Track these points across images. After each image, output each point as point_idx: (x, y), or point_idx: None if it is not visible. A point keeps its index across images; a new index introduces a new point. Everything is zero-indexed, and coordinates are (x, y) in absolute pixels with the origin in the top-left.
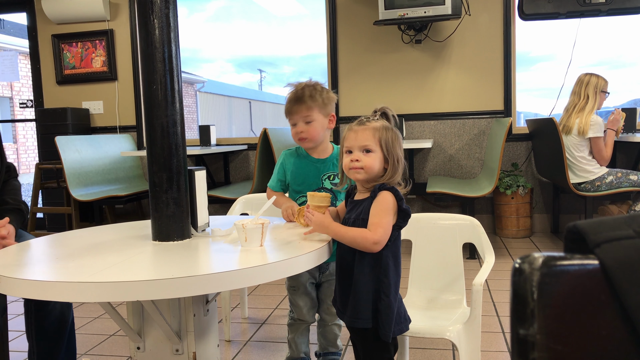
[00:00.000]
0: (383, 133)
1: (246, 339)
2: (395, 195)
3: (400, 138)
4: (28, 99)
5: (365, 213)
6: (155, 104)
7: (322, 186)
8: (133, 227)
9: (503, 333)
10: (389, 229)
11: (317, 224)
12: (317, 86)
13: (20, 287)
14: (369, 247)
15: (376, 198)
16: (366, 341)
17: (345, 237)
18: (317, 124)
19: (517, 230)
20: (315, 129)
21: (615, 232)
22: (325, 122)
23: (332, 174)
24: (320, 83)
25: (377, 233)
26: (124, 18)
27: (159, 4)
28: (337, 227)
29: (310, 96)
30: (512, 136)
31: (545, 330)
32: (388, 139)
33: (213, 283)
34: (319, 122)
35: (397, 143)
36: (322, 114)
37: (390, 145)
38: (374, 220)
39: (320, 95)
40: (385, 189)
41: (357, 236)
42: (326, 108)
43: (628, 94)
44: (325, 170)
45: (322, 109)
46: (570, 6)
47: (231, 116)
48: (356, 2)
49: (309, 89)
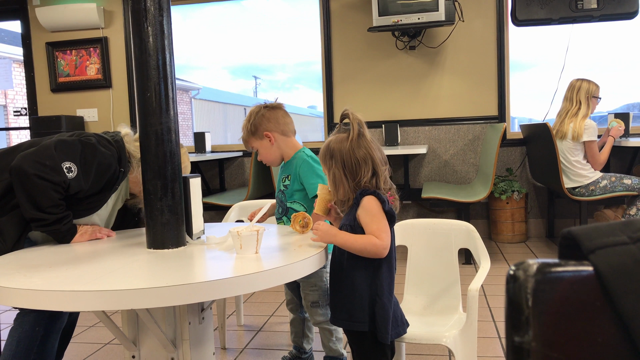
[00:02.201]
0: (322, 156)
1: (242, 347)
2: (377, 198)
3: (345, 143)
4: (22, 107)
5: (352, 220)
6: (149, 111)
7: (280, 188)
8: (128, 235)
9: (499, 339)
10: (389, 230)
11: (325, 233)
12: (248, 116)
13: (14, 296)
14: (380, 253)
15: (361, 205)
16: (363, 345)
17: (354, 246)
18: (261, 149)
19: (513, 235)
20: (263, 154)
21: (609, 238)
22: (265, 143)
23: (284, 176)
24: (258, 106)
25: (383, 238)
26: (118, 26)
27: (153, 12)
28: (345, 236)
29: (243, 132)
30: (506, 141)
31: (541, 338)
32: (327, 159)
33: (208, 291)
34: (261, 147)
35: (344, 154)
36: (257, 139)
37: (332, 160)
38: (374, 227)
39: (247, 125)
40: (367, 194)
41: (366, 244)
42: (257, 132)
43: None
44: (283, 173)
45: (254, 135)
46: (563, 12)
47: (226, 123)
48: (350, 9)
49: (243, 124)
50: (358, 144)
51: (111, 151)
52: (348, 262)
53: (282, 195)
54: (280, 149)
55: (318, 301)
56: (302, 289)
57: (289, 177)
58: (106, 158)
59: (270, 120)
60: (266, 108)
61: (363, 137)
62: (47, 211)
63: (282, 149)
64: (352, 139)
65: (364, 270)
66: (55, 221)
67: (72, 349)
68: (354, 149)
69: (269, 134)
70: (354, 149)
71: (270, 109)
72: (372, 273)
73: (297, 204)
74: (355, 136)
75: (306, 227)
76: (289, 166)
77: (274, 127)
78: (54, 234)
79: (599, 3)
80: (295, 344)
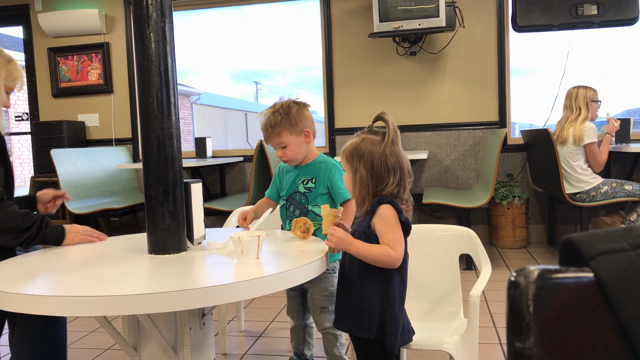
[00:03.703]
0: (348, 153)
1: (243, 352)
2: (394, 208)
3: (377, 147)
4: (24, 112)
5: (365, 227)
6: (151, 117)
7: (297, 190)
8: (129, 240)
9: (500, 344)
10: (403, 242)
11: (340, 240)
12: (283, 108)
13: (14, 301)
14: (393, 264)
15: (377, 213)
16: (370, 352)
17: (368, 255)
18: (292, 145)
19: (514, 241)
20: (292, 150)
21: (609, 244)
22: (300, 139)
23: (307, 179)
24: (290, 101)
25: (397, 249)
26: (120, 31)
27: (155, 18)
28: (359, 245)
29: (276, 124)
30: (507, 147)
31: (542, 344)
32: (354, 158)
33: (209, 296)
34: (293, 143)
35: (374, 158)
36: (294, 134)
37: (360, 161)
38: (389, 237)
39: (286, 118)
40: (384, 202)
41: (380, 254)
42: (296, 127)
43: (621, 104)
44: (302, 175)
45: (292, 129)
46: (563, 18)
47: (227, 128)
48: (351, 15)
49: (275, 115)
50: (391, 150)
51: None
52: (359, 270)
53: (302, 197)
54: (309, 149)
55: (327, 306)
56: (311, 293)
57: (313, 180)
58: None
59: (309, 119)
60: (303, 105)
61: (396, 144)
62: (24, 226)
63: (310, 150)
64: (387, 144)
65: (375, 279)
66: (37, 229)
67: (73, 355)
68: (386, 154)
69: (308, 131)
70: (386, 154)
71: (306, 107)
72: (383, 282)
73: (318, 208)
74: (390, 142)
75: (307, 233)
76: (311, 169)
77: (311, 126)
78: (47, 240)
79: (600, 9)
80: (296, 350)
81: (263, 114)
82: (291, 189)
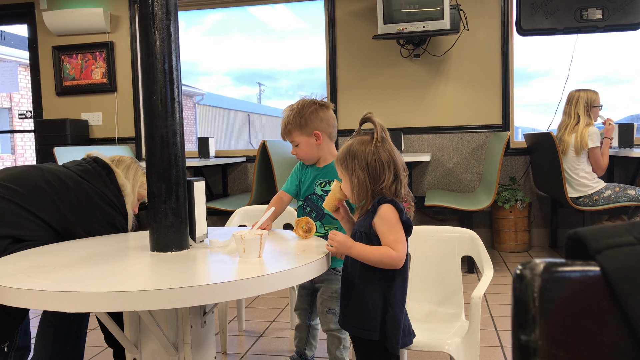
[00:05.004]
0: (342, 158)
1: (243, 352)
2: (395, 207)
3: (369, 145)
4: (27, 110)
5: (367, 228)
6: (155, 114)
7: (314, 192)
8: (131, 237)
9: (501, 347)
10: (405, 242)
11: (341, 244)
12: (298, 108)
13: (18, 296)
14: (395, 265)
15: (377, 214)
16: (371, 353)
17: (370, 258)
18: (302, 145)
19: (515, 245)
20: (302, 150)
21: (615, 238)
22: (311, 141)
23: (325, 181)
24: (309, 100)
25: (399, 250)
26: (124, 30)
27: (160, 16)
28: (360, 247)
29: (288, 122)
30: (510, 150)
31: (547, 336)
32: (348, 160)
33: (211, 294)
34: (304, 143)
35: (367, 156)
36: (304, 134)
37: (354, 162)
38: (390, 238)
39: (297, 119)
40: (385, 202)
41: (382, 256)
42: (306, 128)
43: (625, 109)
44: (320, 178)
45: (302, 129)
46: (567, 22)
47: (230, 129)
48: (355, 17)
49: (290, 114)
50: (382, 146)
51: (111, 205)
52: (361, 272)
53: (318, 199)
54: (322, 151)
55: (335, 308)
56: (321, 293)
57: (330, 183)
58: (108, 214)
59: (323, 120)
60: (321, 106)
61: (386, 141)
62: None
63: (324, 152)
64: (377, 141)
65: (378, 280)
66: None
67: None
68: (378, 151)
69: (318, 133)
70: (378, 151)
71: (325, 108)
72: (385, 283)
73: None
74: (379, 139)
75: (309, 232)
76: (329, 171)
77: (325, 128)
78: None
79: (604, 13)
80: (298, 349)
81: (285, 109)
82: (308, 191)
